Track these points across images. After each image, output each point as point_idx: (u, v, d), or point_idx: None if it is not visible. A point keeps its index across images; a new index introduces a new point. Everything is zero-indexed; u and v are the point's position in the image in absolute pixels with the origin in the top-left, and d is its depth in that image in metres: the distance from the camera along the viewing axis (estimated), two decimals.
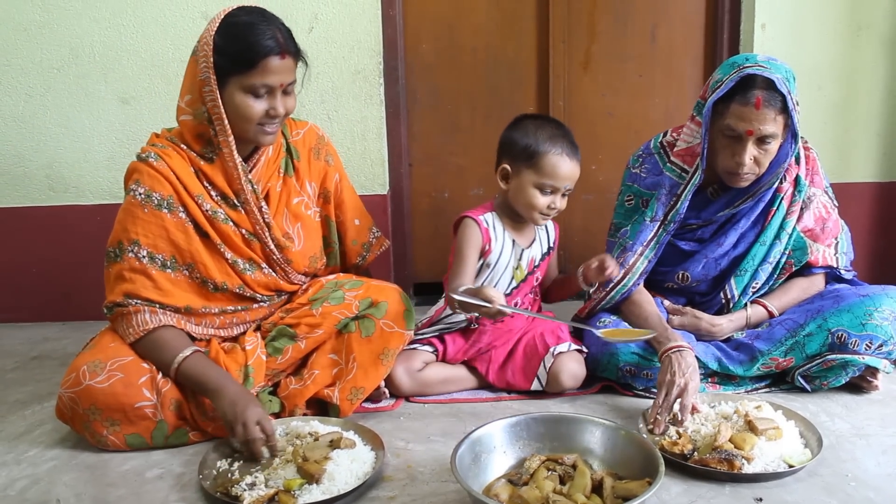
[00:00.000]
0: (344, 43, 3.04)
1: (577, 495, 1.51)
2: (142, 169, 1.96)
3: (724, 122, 2.05)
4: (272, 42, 1.88)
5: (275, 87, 1.91)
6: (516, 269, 2.26)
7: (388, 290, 2.17)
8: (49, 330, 3.08)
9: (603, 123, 3.32)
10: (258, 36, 1.87)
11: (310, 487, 1.63)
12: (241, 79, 1.89)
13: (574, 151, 2.16)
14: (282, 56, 1.89)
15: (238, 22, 1.91)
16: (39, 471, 1.84)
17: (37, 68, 3.02)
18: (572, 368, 2.20)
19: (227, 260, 2.03)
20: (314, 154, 2.21)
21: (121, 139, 3.07)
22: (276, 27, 1.91)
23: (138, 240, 1.94)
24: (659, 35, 3.25)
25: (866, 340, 2.06)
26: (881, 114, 3.17)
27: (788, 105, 2.01)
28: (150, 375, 1.90)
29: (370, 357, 2.08)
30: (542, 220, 2.20)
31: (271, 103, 1.93)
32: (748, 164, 2.06)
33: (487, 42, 3.24)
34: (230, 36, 1.89)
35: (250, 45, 1.88)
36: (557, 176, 2.13)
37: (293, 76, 1.96)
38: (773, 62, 2.05)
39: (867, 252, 3.24)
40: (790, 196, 2.22)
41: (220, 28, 1.91)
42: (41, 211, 3.12)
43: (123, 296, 1.93)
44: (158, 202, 1.94)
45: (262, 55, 1.87)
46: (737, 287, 2.26)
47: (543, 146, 2.13)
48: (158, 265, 1.96)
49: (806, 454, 1.76)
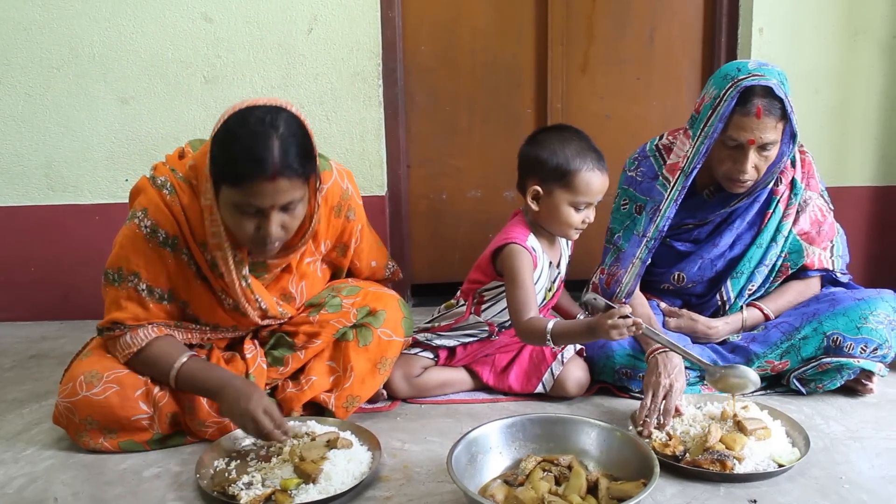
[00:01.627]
0: (343, 44, 3.04)
1: (573, 496, 1.52)
2: (153, 198, 1.86)
3: (726, 133, 2.05)
4: (260, 165, 1.64)
5: (265, 209, 1.71)
6: (549, 291, 2.24)
7: (387, 297, 2.16)
8: (47, 329, 3.08)
9: (600, 126, 3.32)
10: (246, 152, 1.65)
11: (306, 487, 1.64)
12: (228, 192, 1.71)
13: (601, 162, 2.08)
14: (272, 179, 1.65)
15: (231, 129, 1.69)
16: (37, 469, 1.84)
17: (36, 67, 3.02)
18: (578, 377, 2.20)
19: (223, 305, 1.98)
20: (335, 213, 2.06)
21: (120, 139, 3.08)
22: (277, 139, 1.66)
23: (139, 272, 1.88)
24: (657, 38, 3.26)
25: (861, 344, 2.07)
26: (878, 118, 3.18)
27: (787, 109, 2.02)
28: (145, 388, 1.89)
29: (367, 366, 2.08)
30: (576, 235, 2.17)
31: (261, 223, 1.73)
32: (749, 172, 2.06)
33: (486, 44, 3.24)
34: (220, 143, 1.70)
35: (236, 161, 1.66)
36: (592, 192, 2.07)
37: (293, 196, 1.72)
38: (766, 67, 2.06)
39: (863, 255, 3.25)
40: (786, 199, 2.23)
41: (218, 129, 1.71)
42: (40, 210, 3.13)
43: (112, 322, 1.90)
44: (163, 240, 1.86)
45: (247, 177, 1.65)
46: (733, 289, 2.27)
47: (574, 164, 2.04)
48: (156, 298, 1.91)
49: (794, 453, 1.78)
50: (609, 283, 2.31)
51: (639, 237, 2.25)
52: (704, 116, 2.09)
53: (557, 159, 2.06)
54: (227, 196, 1.72)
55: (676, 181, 2.17)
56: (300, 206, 1.78)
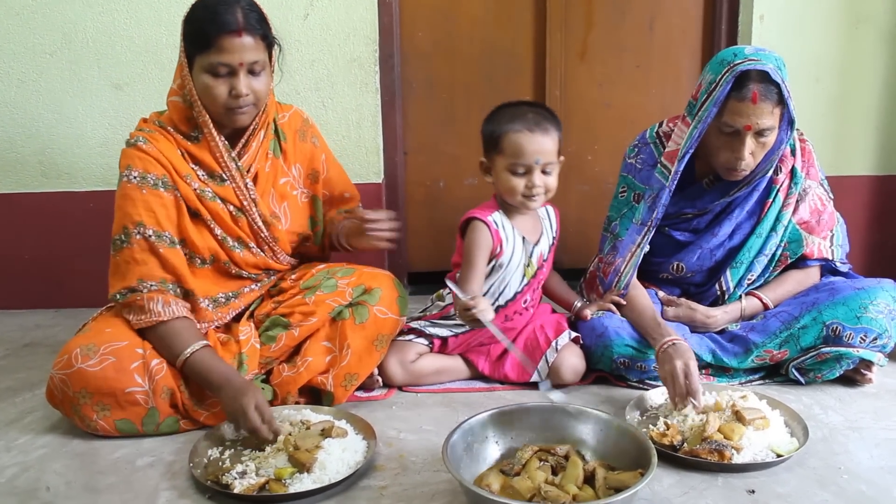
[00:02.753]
0: (339, 30, 3.01)
1: (569, 486, 1.51)
2: (132, 154, 1.97)
3: (722, 119, 2.03)
4: (228, 19, 1.87)
5: (235, 67, 1.90)
6: (527, 267, 2.22)
7: (381, 276, 2.18)
8: (41, 317, 3.06)
9: (599, 114, 3.30)
10: (214, 14, 1.88)
11: (301, 476, 1.63)
12: (201, 59, 1.91)
13: (539, 124, 2.06)
14: (238, 34, 1.87)
15: (200, 2, 1.93)
16: (29, 458, 1.83)
17: (29, 53, 2.99)
18: (574, 364, 2.19)
19: (216, 237, 2.05)
20: (300, 136, 2.23)
21: (114, 125, 3.05)
22: (239, 6, 1.89)
23: (142, 220, 1.94)
24: (657, 26, 3.24)
25: (861, 333, 2.05)
26: (879, 107, 3.16)
27: (784, 95, 1.99)
28: (142, 361, 1.89)
29: (364, 343, 2.08)
30: (530, 203, 2.11)
31: (233, 83, 1.91)
32: (747, 159, 2.04)
33: (484, 31, 3.21)
34: (191, 17, 1.93)
35: (205, 23, 1.89)
36: (523, 153, 2.05)
37: (256, 56, 1.93)
38: (762, 52, 2.04)
39: (863, 245, 3.24)
40: (786, 188, 2.21)
41: (188, 10, 1.94)
42: (34, 197, 3.10)
43: (138, 280, 1.93)
44: (154, 182, 1.95)
45: (214, 33, 1.87)
46: (732, 279, 2.25)
47: (503, 127, 2.07)
48: (167, 242, 1.96)
49: (793, 443, 1.77)
50: (606, 272, 2.29)
51: (638, 225, 2.23)
52: (700, 101, 2.07)
53: (492, 127, 2.11)
54: (200, 64, 1.91)
55: (674, 172, 2.15)
56: (264, 74, 1.97)
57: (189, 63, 1.94)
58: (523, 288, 2.23)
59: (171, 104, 2.03)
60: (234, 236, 2.07)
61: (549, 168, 2.09)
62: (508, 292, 2.21)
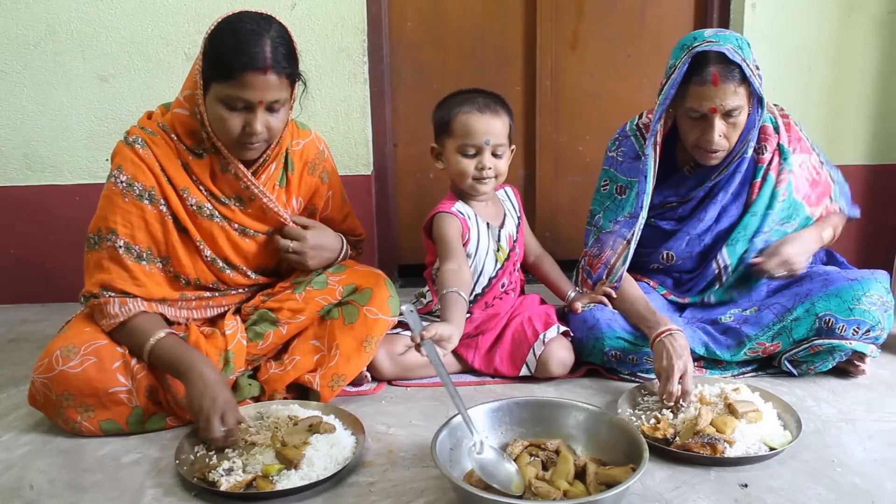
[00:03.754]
0: (327, 20, 2.98)
1: (560, 481, 1.50)
2: (127, 155, 1.90)
3: (687, 105, 2.04)
4: (256, 54, 1.75)
5: (254, 104, 1.80)
6: (497, 252, 2.23)
7: (373, 275, 2.14)
8: (28, 312, 3.03)
9: (590, 104, 3.28)
10: (241, 45, 1.75)
11: (288, 473, 1.61)
12: (218, 87, 1.79)
13: (489, 106, 2.11)
14: (263, 72, 1.75)
15: (227, 27, 1.79)
16: (13, 456, 1.80)
17: (12, 45, 2.95)
18: (562, 356, 2.17)
19: (204, 258, 1.99)
20: (309, 169, 2.12)
21: (99, 117, 3.01)
22: (269, 38, 1.77)
23: (116, 229, 1.89)
24: (648, 15, 3.21)
25: (854, 325, 2.04)
26: (872, 96, 3.15)
27: (746, 73, 1.98)
28: (123, 360, 1.87)
29: (353, 344, 2.05)
30: (480, 186, 2.14)
31: (248, 120, 1.81)
32: (717, 141, 2.04)
33: (473, 20, 3.19)
34: (215, 40, 1.79)
35: (230, 53, 1.76)
36: (472, 132, 2.08)
37: (278, 95, 1.82)
38: (722, 34, 2.04)
39: (856, 236, 3.23)
40: (777, 165, 2.21)
41: (212, 29, 1.81)
42: (19, 191, 3.06)
43: (99, 287, 1.89)
44: (140, 192, 1.89)
45: (239, 67, 1.75)
46: (729, 256, 2.23)
47: (454, 110, 2.11)
48: (134, 256, 1.91)
49: (786, 436, 1.76)
50: (593, 265, 2.27)
51: (628, 218, 2.21)
52: (662, 86, 2.09)
53: (442, 111, 2.16)
54: (216, 92, 1.79)
55: (650, 158, 2.16)
56: (283, 111, 1.87)
57: (204, 85, 1.83)
58: (498, 272, 2.24)
59: (176, 115, 1.93)
60: (222, 257, 2.01)
61: (500, 151, 2.12)
62: (483, 279, 2.22)
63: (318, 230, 2.11)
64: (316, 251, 2.07)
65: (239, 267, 2.04)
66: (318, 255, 2.09)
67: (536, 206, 3.35)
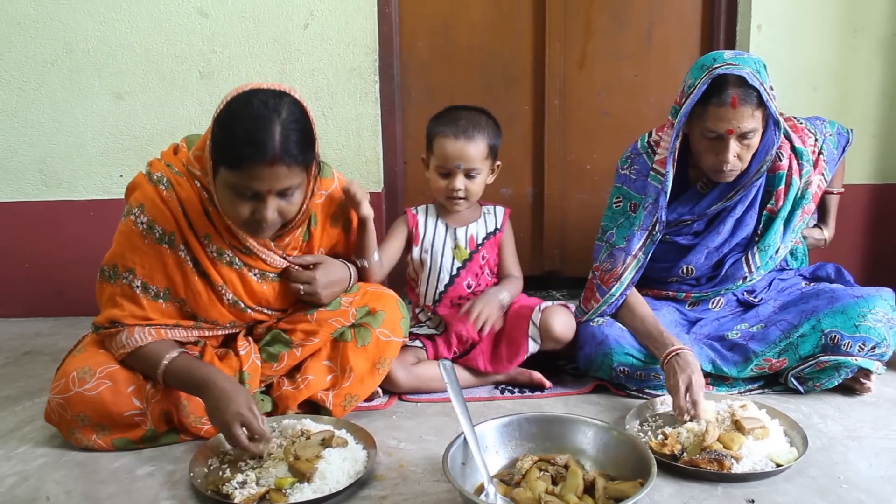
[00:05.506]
0: (339, 40, 3.03)
1: (569, 496, 1.51)
2: (150, 194, 1.85)
3: (704, 125, 2.07)
4: (263, 144, 1.63)
5: (263, 193, 1.71)
6: (455, 249, 2.31)
7: (385, 297, 2.14)
8: (41, 325, 3.06)
9: (598, 122, 3.31)
10: (247, 133, 1.64)
11: (301, 486, 1.62)
12: (226, 174, 1.70)
13: (466, 131, 2.19)
14: (271, 164, 1.65)
15: (235, 110, 1.68)
16: (29, 468, 1.82)
17: (30, 62, 3.00)
18: (562, 317, 2.25)
19: (225, 301, 1.96)
20: (332, 221, 2.08)
21: (114, 134, 3.06)
22: (279, 125, 1.65)
23: (134, 269, 1.86)
24: (655, 34, 3.25)
25: (859, 342, 2.05)
26: (877, 116, 3.17)
27: (764, 98, 2.01)
28: (137, 384, 1.87)
29: (366, 366, 2.06)
30: (453, 206, 2.27)
31: (257, 207, 1.73)
32: (731, 161, 2.07)
33: (483, 40, 3.23)
34: (223, 123, 1.68)
35: (236, 142, 1.65)
36: (445, 156, 2.19)
37: (290, 182, 1.71)
38: (741, 56, 2.07)
39: (861, 254, 3.24)
40: (798, 168, 2.24)
41: (220, 110, 1.70)
42: (34, 206, 3.11)
43: (110, 322, 1.89)
44: (160, 236, 1.85)
45: (246, 159, 1.64)
46: (760, 259, 2.26)
47: (436, 129, 2.21)
48: (151, 296, 1.89)
49: (792, 452, 1.77)
50: (605, 279, 2.29)
51: (638, 230, 2.24)
52: (680, 105, 2.11)
53: (430, 126, 2.27)
54: (224, 178, 1.71)
55: (666, 175, 2.18)
56: (297, 193, 1.78)
57: (213, 166, 1.73)
58: (460, 272, 2.31)
59: (198, 158, 1.85)
60: (242, 300, 1.98)
61: (473, 173, 2.22)
62: (444, 275, 2.33)
63: (326, 268, 2.05)
64: (327, 289, 2.05)
65: (258, 308, 2.03)
66: (329, 291, 2.06)
67: (545, 223, 3.37)
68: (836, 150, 2.36)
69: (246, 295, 1.98)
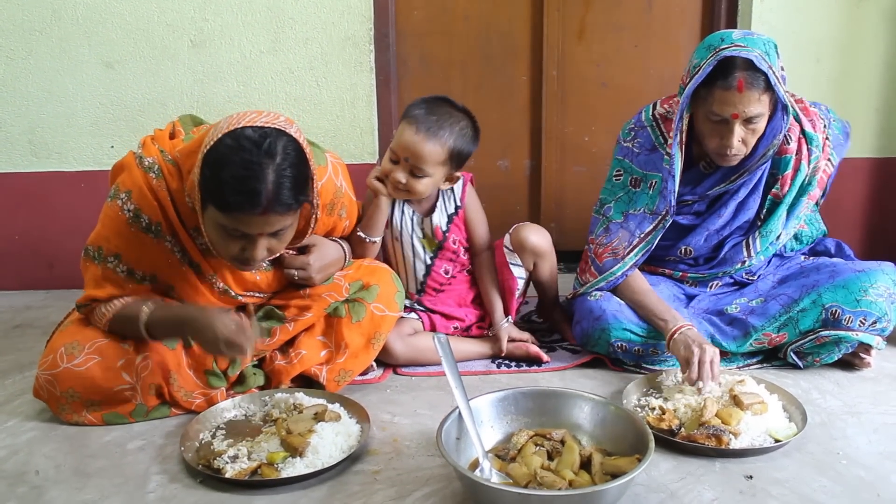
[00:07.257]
0: (334, 8, 2.97)
1: (565, 471, 1.49)
2: (137, 181, 1.78)
3: (709, 108, 2.00)
4: (253, 193, 1.55)
5: (253, 235, 1.65)
6: (423, 239, 2.28)
7: (380, 271, 2.13)
8: (32, 298, 3.04)
9: (597, 94, 3.27)
10: (238, 182, 1.55)
11: (293, 461, 1.61)
12: (214, 213, 1.61)
13: (431, 128, 2.06)
14: (262, 213, 1.58)
15: (224, 153, 1.57)
16: (18, 441, 1.80)
17: (18, 30, 2.94)
18: (530, 228, 2.30)
19: (215, 289, 1.93)
20: (327, 210, 2.02)
21: (105, 104, 3.01)
22: (271, 171, 1.56)
23: (120, 254, 1.82)
24: (655, 4, 3.19)
25: (860, 317, 2.03)
26: (880, 89, 3.13)
27: (772, 82, 1.95)
28: (127, 358, 1.85)
29: (361, 342, 2.05)
30: (395, 194, 2.16)
31: (247, 246, 1.67)
32: (735, 146, 2.02)
33: (480, 9, 3.17)
34: (212, 165, 1.58)
35: (225, 188, 1.56)
36: (399, 143, 2.10)
37: (281, 225, 1.65)
38: (750, 37, 1.99)
39: (863, 228, 3.22)
40: (807, 154, 2.17)
41: (209, 149, 1.60)
42: (24, 177, 3.07)
43: (89, 300, 1.87)
44: (146, 225, 1.79)
45: (235, 208, 1.57)
46: (760, 245, 2.22)
47: (408, 112, 2.12)
48: (137, 279, 1.85)
49: (791, 428, 1.75)
50: (599, 254, 2.25)
51: (650, 215, 2.19)
52: (686, 85, 2.05)
53: (408, 106, 2.15)
54: (213, 215, 1.63)
55: (674, 157, 2.13)
56: (289, 231, 1.72)
57: (202, 200, 1.64)
58: (434, 261, 2.30)
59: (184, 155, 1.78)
60: (233, 288, 1.95)
61: (420, 174, 2.11)
62: (420, 265, 2.31)
63: (319, 251, 2.02)
64: (321, 273, 2.02)
65: (249, 294, 2.00)
66: (323, 274, 2.03)
67: (542, 196, 3.34)
68: (840, 135, 2.30)
69: (237, 284, 1.95)
